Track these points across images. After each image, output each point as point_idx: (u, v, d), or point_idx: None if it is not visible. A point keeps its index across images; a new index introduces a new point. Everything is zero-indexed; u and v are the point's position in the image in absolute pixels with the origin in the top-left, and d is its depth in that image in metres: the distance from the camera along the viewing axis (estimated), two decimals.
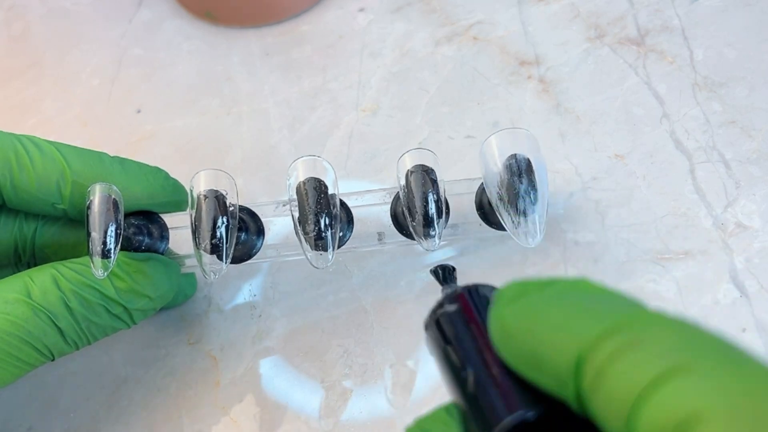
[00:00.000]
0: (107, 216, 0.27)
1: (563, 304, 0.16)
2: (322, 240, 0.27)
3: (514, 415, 0.17)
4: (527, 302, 0.17)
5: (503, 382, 0.18)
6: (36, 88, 0.43)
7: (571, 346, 0.15)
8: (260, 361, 0.32)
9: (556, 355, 0.15)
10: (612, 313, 0.15)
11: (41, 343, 0.26)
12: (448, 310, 0.21)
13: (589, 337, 0.15)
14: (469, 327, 0.20)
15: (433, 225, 0.28)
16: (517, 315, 0.17)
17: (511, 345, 0.17)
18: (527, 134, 0.29)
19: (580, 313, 0.16)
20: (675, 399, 0.13)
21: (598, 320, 0.15)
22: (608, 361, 0.14)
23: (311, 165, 0.28)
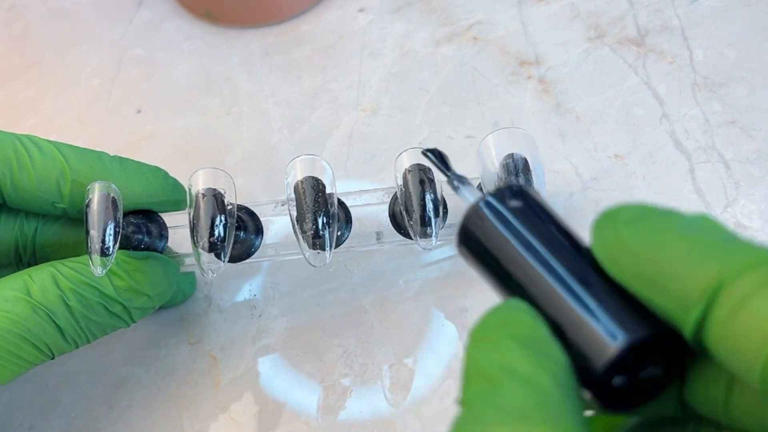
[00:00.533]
0: (106, 214, 0.27)
1: (694, 233, 0.16)
2: (319, 239, 0.27)
3: (632, 334, 0.16)
4: (652, 225, 0.17)
5: (611, 298, 0.17)
6: (36, 88, 0.43)
7: (709, 274, 0.15)
8: (260, 360, 0.32)
9: (688, 281, 0.15)
10: (750, 248, 0.15)
11: (41, 341, 0.26)
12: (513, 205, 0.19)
13: (732, 267, 0.15)
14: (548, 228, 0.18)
15: (431, 224, 0.28)
16: (640, 235, 0.16)
17: (630, 264, 0.16)
18: (524, 134, 0.29)
19: (717, 244, 0.16)
20: None
21: (738, 252, 0.15)
22: (753, 291, 0.14)
23: (309, 164, 0.28)
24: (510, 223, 0.19)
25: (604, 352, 0.16)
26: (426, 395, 0.31)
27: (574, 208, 0.34)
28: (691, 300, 0.15)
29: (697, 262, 0.15)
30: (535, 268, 0.18)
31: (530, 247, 0.18)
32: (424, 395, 0.31)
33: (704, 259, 0.15)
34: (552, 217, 0.19)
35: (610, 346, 0.16)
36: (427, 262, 0.34)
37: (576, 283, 0.17)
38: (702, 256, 0.16)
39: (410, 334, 0.32)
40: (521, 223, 0.19)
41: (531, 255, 0.18)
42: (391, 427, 0.30)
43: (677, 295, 0.16)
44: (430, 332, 0.32)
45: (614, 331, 0.16)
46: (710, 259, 0.15)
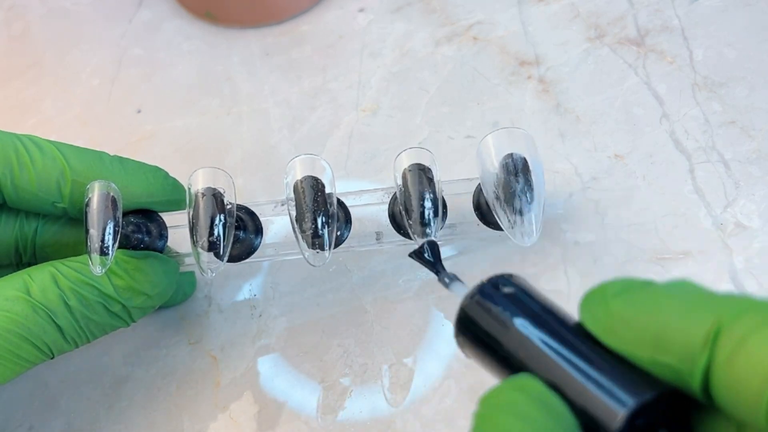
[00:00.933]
0: (105, 213, 0.27)
1: (682, 293, 0.17)
2: (319, 238, 0.27)
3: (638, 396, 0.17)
4: (639, 294, 0.18)
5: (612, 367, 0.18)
6: (36, 88, 0.43)
7: (706, 322, 0.16)
8: (260, 360, 0.32)
9: (687, 333, 0.16)
10: (738, 298, 0.16)
11: (40, 341, 0.26)
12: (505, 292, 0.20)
13: (727, 313, 0.16)
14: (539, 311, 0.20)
15: (430, 223, 0.28)
16: (631, 304, 0.18)
17: (626, 331, 0.18)
18: (524, 133, 0.29)
19: (706, 298, 0.17)
20: None
21: (729, 301, 0.16)
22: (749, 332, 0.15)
23: (309, 163, 0.28)
24: (506, 309, 0.20)
25: (614, 417, 0.17)
26: (426, 395, 0.31)
27: (573, 208, 0.34)
28: (694, 350, 0.16)
29: (693, 316, 0.17)
30: (537, 346, 0.19)
31: (528, 329, 0.20)
32: (424, 395, 0.31)
33: (698, 312, 0.17)
34: (541, 300, 0.21)
35: (619, 410, 0.17)
36: None
37: (576, 355, 0.19)
38: (695, 310, 0.17)
39: (410, 334, 0.32)
40: (516, 308, 0.20)
41: (530, 335, 0.19)
42: (391, 427, 0.30)
43: (680, 350, 0.17)
44: (430, 332, 0.32)
45: (621, 396, 0.17)
46: (704, 312, 0.17)
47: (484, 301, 0.21)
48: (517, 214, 0.28)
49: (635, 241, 0.32)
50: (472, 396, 0.30)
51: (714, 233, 0.32)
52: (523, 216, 0.28)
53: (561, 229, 0.33)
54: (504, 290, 0.21)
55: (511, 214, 0.28)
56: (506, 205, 0.28)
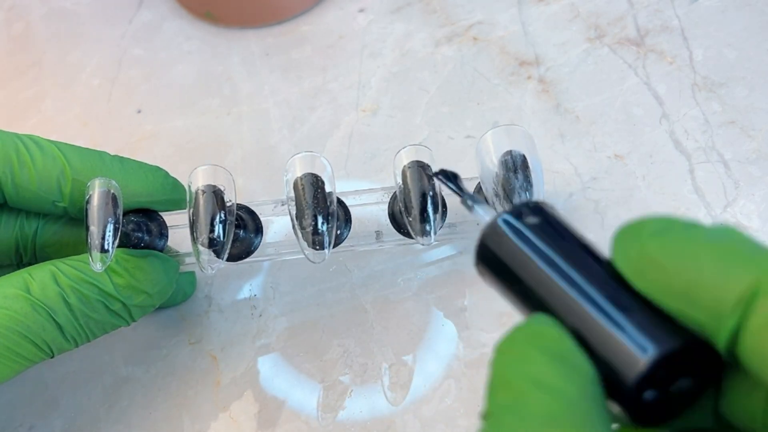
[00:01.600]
0: (106, 210, 0.27)
1: (722, 243, 0.16)
2: (319, 235, 0.27)
3: (662, 345, 0.16)
4: (678, 237, 0.16)
5: (639, 310, 0.17)
6: (36, 88, 0.43)
7: (743, 281, 0.15)
8: (260, 359, 0.33)
9: (720, 290, 0.15)
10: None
11: (40, 339, 0.26)
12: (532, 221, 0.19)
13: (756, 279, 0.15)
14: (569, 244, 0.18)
15: (430, 220, 0.28)
16: (667, 248, 0.16)
17: (658, 276, 0.16)
18: (523, 131, 0.29)
19: (747, 252, 0.15)
20: None
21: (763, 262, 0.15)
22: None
23: (308, 161, 0.29)
24: (529, 240, 0.19)
25: (634, 366, 0.16)
26: (426, 395, 0.31)
27: (573, 208, 0.34)
28: (725, 310, 0.15)
29: (730, 272, 0.15)
30: (559, 283, 0.18)
31: (552, 263, 0.18)
32: (424, 395, 0.31)
33: (737, 268, 0.15)
34: (570, 232, 0.19)
35: (640, 359, 0.16)
36: (427, 261, 0.34)
37: (601, 296, 0.17)
38: (734, 265, 0.15)
39: (410, 334, 0.32)
40: (540, 239, 0.19)
41: (553, 270, 0.18)
42: (391, 427, 0.30)
43: (710, 306, 0.15)
44: (430, 331, 0.32)
45: (643, 343, 0.16)
46: (743, 268, 0.15)
47: (506, 231, 0.19)
48: None
49: None
50: (472, 396, 0.30)
51: None
52: None
53: None
54: (528, 220, 0.19)
55: None
56: (506, 202, 0.28)
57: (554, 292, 0.18)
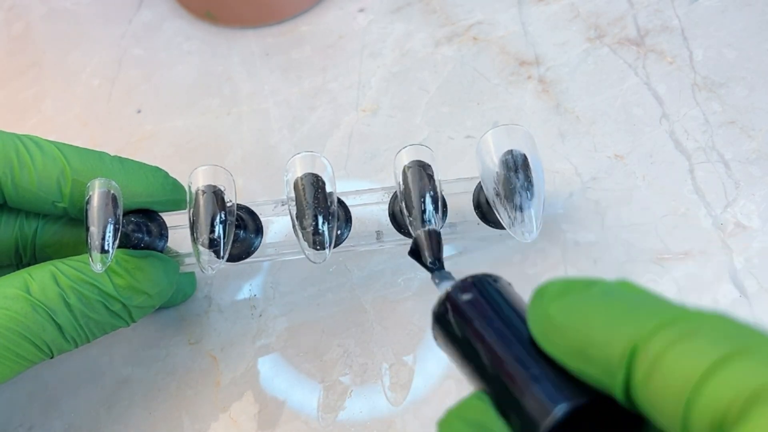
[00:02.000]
0: (106, 211, 0.27)
1: (612, 301, 0.17)
2: (319, 235, 0.27)
3: (564, 404, 0.17)
4: (575, 298, 0.18)
5: (545, 374, 0.18)
6: (36, 88, 0.43)
7: (625, 338, 0.16)
8: (260, 360, 0.32)
9: (608, 348, 0.16)
10: (662, 309, 0.16)
11: (40, 339, 0.26)
12: (464, 299, 0.21)
13: (644, 329, 0.16)
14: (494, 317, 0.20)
15: (430, 220, 0.28)
16: (564, 310, 0.18)
17: (558, 338, 0.17)
18: (523, 130, 0.29)
19: (631, 309, 0.16)
20: (736, 380, 0.14)
21: (650, 315, 0.16)
22: (663, 351, 0.15)
23: (309, 161, 0.28)
24: (464, 316, 0.21)
25: (543, 420, 0.17)
26: (426, 395, 0.31)
27: (573, 208, 0.34)
28: (613, 366, 0.16)
29: (614, 329, 0.16)
30: (483, 355, 0.20)
31: (478, 338, 0.20)
32: (424, 395, 0.31)
33: (619, 324, 0.16)
34: (502, 304, 0.21)
35: (548, 414, 0.17)
36: None
37: (514, 365, 0.19)
38: (617, 322, 0.16)
39: (410, 334, 0.32)
40: (473, 315, 0.21)
41: (478, 345, 0.20)
42: (391, 427, 0.30)
43: (601, 363, 0.16)
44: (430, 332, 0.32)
45: (549, 401, 0.17)
46: (624, 324, 0.16)
47: (448, 307, 0.21)
48: (518, 211, 0.28)
49: (635, 241, 0.32)
50: None
51: (714, 233, 0.32)
52: (524, 212, 0.28)
53: (561, 229, 0.33)
54: (465, 296, 0.21)
55: (512, 211, 0.28)
56: (506, 202, 0.28)
57: (479, 363, 0.20)
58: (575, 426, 0.17)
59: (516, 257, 0.33)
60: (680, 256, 0.32)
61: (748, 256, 0.31)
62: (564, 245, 0.33)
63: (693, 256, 0.32)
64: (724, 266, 0.31)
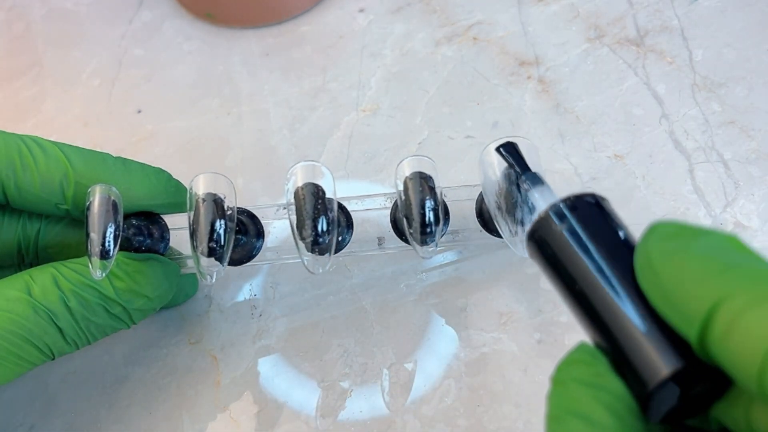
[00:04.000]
0: (106, 217, 0.27)
1: (710, 256, 0.17)
2: (318, 246, 0.27)
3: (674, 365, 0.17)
4: (677, 245, 0.18)
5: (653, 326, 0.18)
6: (36, 88, 0.43)
7: (709, 294, 0.16)
8: (260, 360, 0.33)
9: (691, 300, 0.17)
10: (748, 270, 0.17)
11: (41, 342, 0.26)
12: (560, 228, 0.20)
13: (730, 288, 0.16)
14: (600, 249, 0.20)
15: (431, 233, 0.27)
16: (664, 254, 0.18)
17: (652, 279, 0.18)
18: (527, 143, 0.29)
19: (724, 268, 0.17)
20: None
21: (739, 275, 0.16)
22: (742, 311, 0.16)
23: (310, 170, 0.28)
24: (573, 239, 0.20)
25: (653, 378, 0.17)
26: (426, 395, 0.31)
27: None
28: (693, 321, 0.17)
29: (700, 283, 0.17)
30: (593, 289, 0.19)
31: (586, 269, 0.19)
32: (424, 395, 0.31)
33: (707, 280, 0.17)
34: (617, 232, 0.20)
35: (657, 374, 0.17)
36: (429, 266, 0.34)
37: (629, 306, 0.18)
38: (706, 277, 0.17)
39: (410, 334, 0.32)
40: (584, 239, 0.20)
41: (586, 278, 0.19)
42: (391, 427, 0.30)
43: (682, 313, 0.17)
44: (430, 332, 0.32)
45: (661, 360, 0.18)
46: (712, 281, 0.17)
47: (554, 225, 0.20)
48: (519, 225, 0.27)
49: None
50: (472, 396, 0.30)
51: None
52: (525, 227, 0.27)
53: None
54: (576, 216, 0.20)
55: (513, 225, 0.28)
56: (508, 215, 0.28)
57: (588, 298, 0.19)
58: (684, 378, 0.18)
59: (515, 257, 0.33)
60: None
61: None
62: None
63: None
64: None
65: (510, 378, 0.31)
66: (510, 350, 0.31)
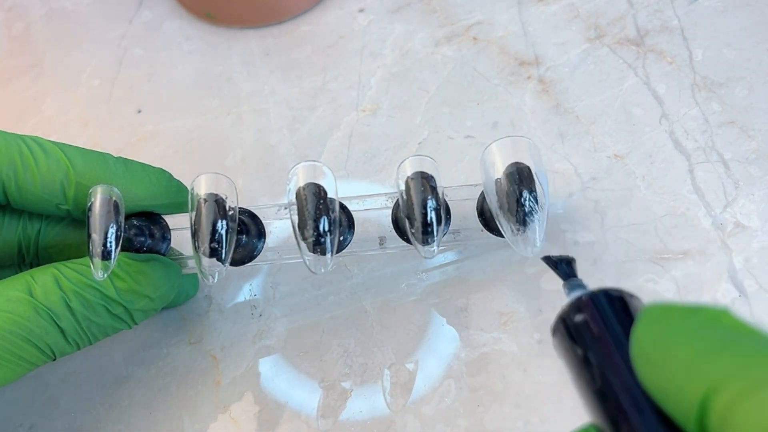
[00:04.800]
0: (107, 218, 0.27)
1: (697, 340, 0.16)
2: (320, 246, 0.27)
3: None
4: (665, 330, 0.17)
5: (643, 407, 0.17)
6: (36, 88, 0.43)
7: (697, 387, 0.15)
8: (260, 360, 0.33)
9: (682, 394, 0.16)
10: (742, 353, 0.15)
11: (43, 342, 0.26)
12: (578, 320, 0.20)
13: (715, 379, 0.15)
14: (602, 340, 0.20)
15: (432, 233, 0.27)
16: (653, 341, 0.17)
17: (647, 369, 0.17)
18: (529, 142, 0.29)
19: (710, 352, 0.16)
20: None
21: (726, 361, 0.15)
22: (734, 403, 0.14)
23: (311, 170, 0.28)
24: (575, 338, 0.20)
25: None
26: (426, 395, 0.31)
27: (573, 208, 0.34)
28: (688, 414, 0.15)
29: (691, 371, 0.16)
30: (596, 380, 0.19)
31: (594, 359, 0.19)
32: (424, 395, 0.31)
33: (698, 366, 0.15)
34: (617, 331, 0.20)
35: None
36: (429, 265, 0.34)
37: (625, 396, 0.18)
38: (696, 363, 0.16)
39: (410, 334, 0.32)
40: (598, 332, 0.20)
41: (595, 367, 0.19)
42: (391, 427, 0.30)
43: (677, 405, 0.16)
44: (431, 332, 0.32)
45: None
46: (703, 367, 0.15)
47: (569, 322, 0.21)
48: (520, 224, 0.27)
49: (635, 241, 0.33)
50: (472, 396, 0.30)
51: (713, 233, 0.32)
52: (526, 226, 0.28)
53: (561, 229, 0.33)
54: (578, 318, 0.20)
55: (515, 224, 0.28)
56: (509, 215, 0.28)
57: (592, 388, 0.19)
58: None
59: (515, 257, 0.33)
60: (680, 255, 0.32)
61: (747, 255, 0.31)
62: (563, 245, 0.33)
63: (692, 255, 0.32)
64: (723, 266, 0.31)
65: (510, 378, 0.31)
66: (510, 350, 0.31)
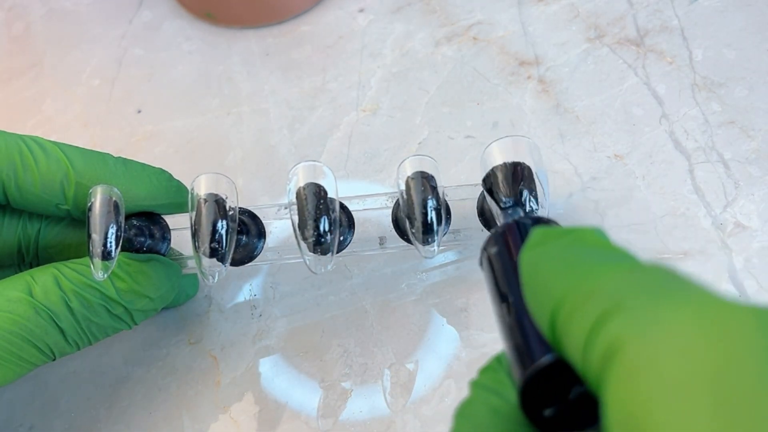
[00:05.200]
0: (107, 218, 0.27)
1: (556, 259, 0.18)
2: (320, 245, 0.27)
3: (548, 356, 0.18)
4: (539, 252, 0.19)
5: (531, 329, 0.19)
6: (36, 88, 0.43)
7: (547, 305, 0.17)
8: (260, 360, 0.33)
9: (541, 312, 0.17)
10: (584, 269, 0.17)
11: (43, 342, 0.26)
12: (491, 251, 0.22)
13: (559, 295, 0.17)
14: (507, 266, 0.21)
15: (433, 232, 0.27)
16: (529, 263, 0.19)
17: (525, 291, 0.19)
18: (529, 142, 0.29)
19: (562, 270, 0.17)
20: (605, 334, 0.15)
21: (570, 277, 0.17)
22: (569, 314, 0.16)
23: (311, 170, 0.28)
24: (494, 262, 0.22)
25: (524, 374, 0.18)
26: (426, 395, 0.31)
27: (573, 209, 0.34)
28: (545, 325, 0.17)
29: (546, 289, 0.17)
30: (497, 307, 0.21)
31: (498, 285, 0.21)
32: (424, 395, 0.31)
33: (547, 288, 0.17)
34: None
35: (527, 369, 0.18)
36: (429, 265, 0.34)
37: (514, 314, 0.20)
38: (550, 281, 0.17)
39: (410, 334, 0.32)
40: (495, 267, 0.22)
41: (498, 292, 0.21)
42: (391, 427, 0.30)
43: (541, 325, 0.18)
44: (431, 332, 0.32)
45: (531, 357, 0.18)
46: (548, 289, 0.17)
47: (482, 259, 0.23)
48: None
49: (635, 241, 0.33)
50: None
51: (713, 233, 0.32)
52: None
53: None
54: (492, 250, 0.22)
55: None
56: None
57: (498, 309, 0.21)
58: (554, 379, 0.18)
59: None
60: (680, 255, 0.32)
61: (747, 255, 0.31)
62: None
63: (692, 255, 0.32)
64: (723, 266, 0.31)
65: None
66: None
